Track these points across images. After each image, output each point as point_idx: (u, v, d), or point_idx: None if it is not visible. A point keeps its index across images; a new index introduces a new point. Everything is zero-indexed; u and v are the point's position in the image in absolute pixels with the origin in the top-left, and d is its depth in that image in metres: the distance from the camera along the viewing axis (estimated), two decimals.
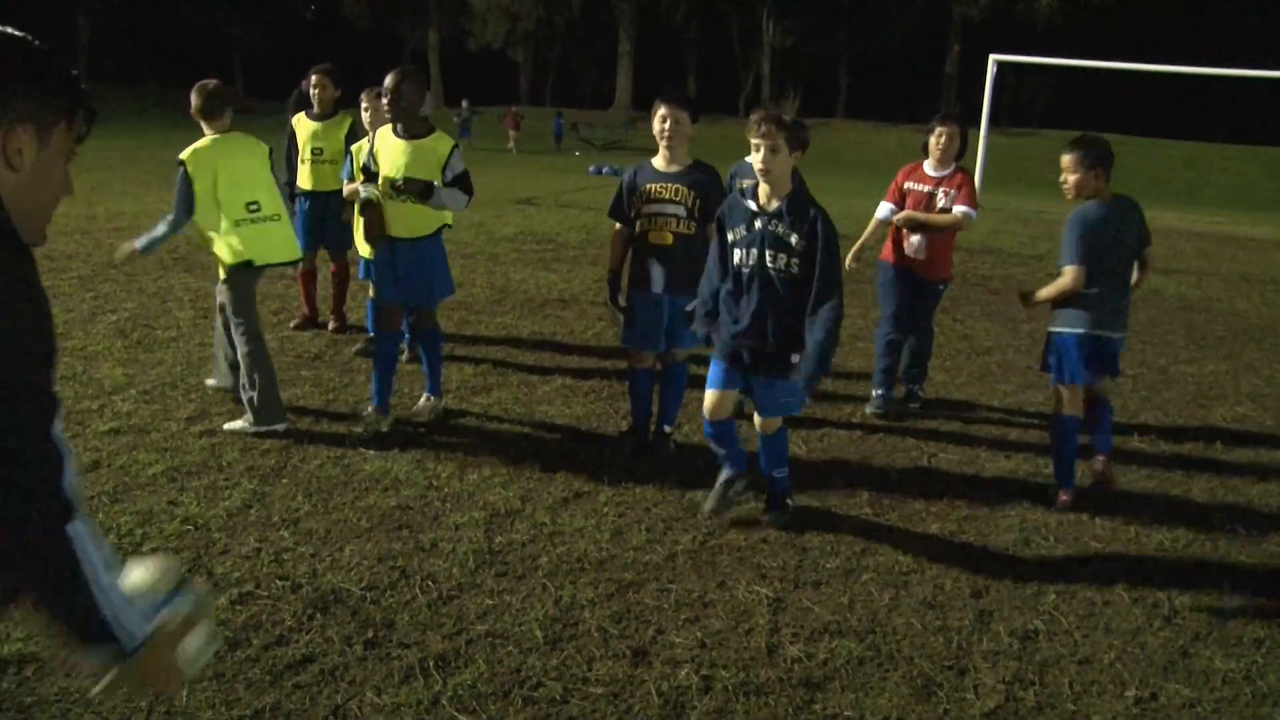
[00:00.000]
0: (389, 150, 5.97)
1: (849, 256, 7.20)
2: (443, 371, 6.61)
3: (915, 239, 6.82)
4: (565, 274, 11.53)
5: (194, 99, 6.03)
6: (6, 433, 1.71)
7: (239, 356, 5.98)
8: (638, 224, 5.77)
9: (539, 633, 3.95)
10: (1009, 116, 54.00)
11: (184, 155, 5.85)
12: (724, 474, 5.16)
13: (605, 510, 5.18)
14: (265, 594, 4.12)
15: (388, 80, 5.90)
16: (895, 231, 6.97)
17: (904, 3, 51.34)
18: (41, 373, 1.78)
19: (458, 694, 3.52)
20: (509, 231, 14.43)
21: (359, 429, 6.06)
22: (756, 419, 5.13)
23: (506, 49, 56.09)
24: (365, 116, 7.72)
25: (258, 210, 5.98)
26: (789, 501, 5.26)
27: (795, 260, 4.73)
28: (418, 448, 5.86)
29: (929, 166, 6.85)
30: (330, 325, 8.40)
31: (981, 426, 6.94)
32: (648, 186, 5.71)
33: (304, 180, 8.14)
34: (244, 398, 5.93)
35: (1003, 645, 4.10)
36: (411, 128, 5.97)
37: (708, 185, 5.67)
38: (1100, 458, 5.69)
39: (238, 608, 4.00)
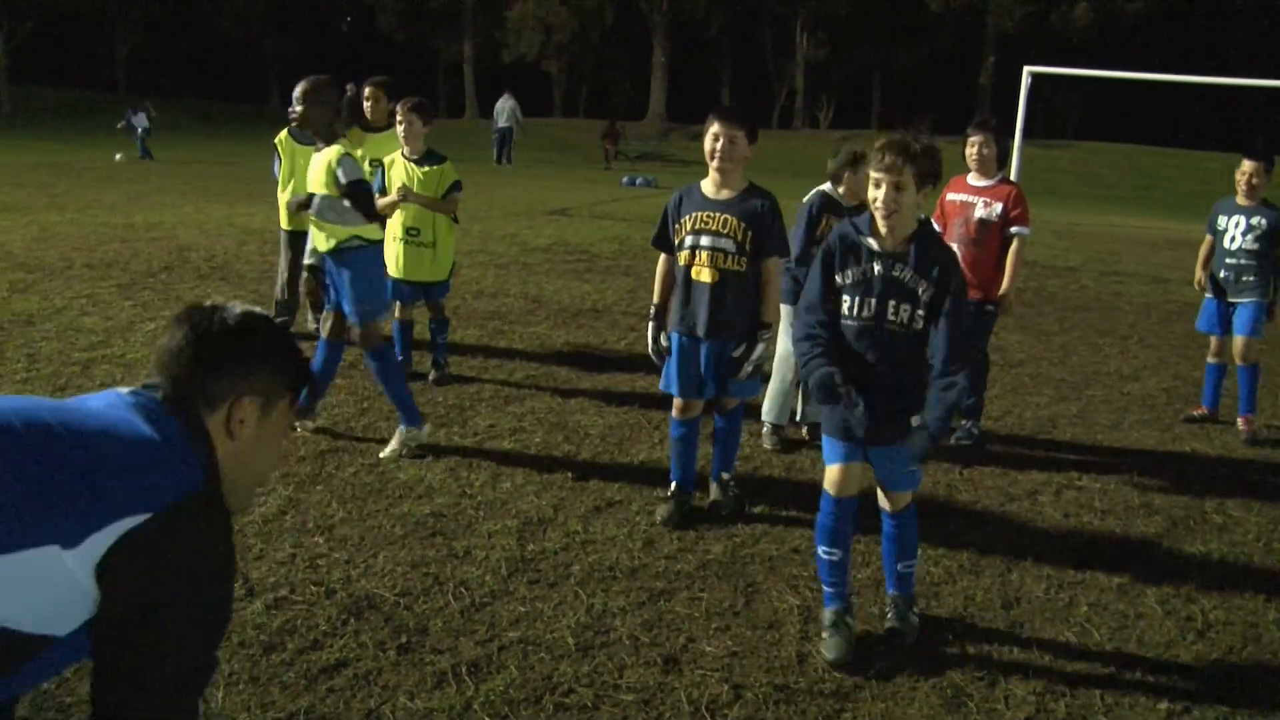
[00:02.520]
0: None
1: None
2: (408, 398, 6.02)
3: (953, 249, 6.71)
4: (598, 284, 11.58)
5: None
6: (162, 689, 1.82)
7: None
8: (680, 255, 5.08)
9: (570, 640, 3.98)
10: (1043, 128, 53.71)
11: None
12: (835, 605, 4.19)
13: (637, 519, 5.20)
14: (300, 599, 4.17)
15: (295, 90, 5.85)
16: None
17: (938, 15, 51.14)
18: (220, 634, 1.92)
19: (490, 700, 3.55)
20: (543, 242, 14.49)
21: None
22: (882, 500, 4.22)
23: (541, 61, 56.33)
24: (367, 106, 8.12)
25: None
26: (915, 614, 4.29)
27: (920, 313, 3.97)
28: (451, 456, 5.90)
29: (971, 177, 6.77)
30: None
31: (1014, 439, 6.91)
32: (693, 214, 5.02)
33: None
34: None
35: (1034, 657, 4.09)
36: (317, 137, 5.98)
37: (763, 216, 4.94)
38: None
39: (273, 612, 4.05)
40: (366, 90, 8.19)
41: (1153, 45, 50.85)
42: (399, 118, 7.10)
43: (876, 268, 3.98)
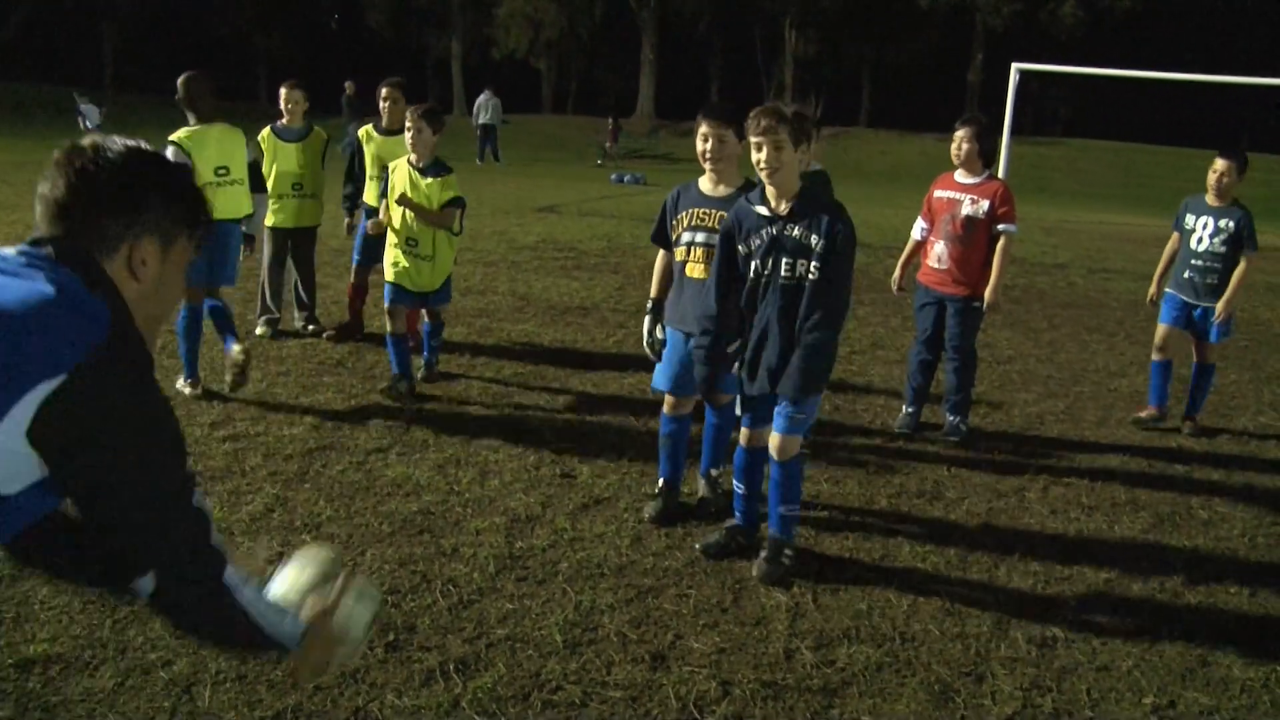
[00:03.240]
0: None
1: (893, 282, 7.19)
2: (229, 340, 6.59)
3: (939, 246, 6.73)
4: (587, 282, 11.58)
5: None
6: (155, 515, 1.87)
7: None
8: (677, 252, 5.14)
9: (559, 637, 3.98)
10: (1032, 126, 53.80)
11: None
12: (734, 522, 4.99)
13: (625, 516, 5.21)
14: None
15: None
16: (924, 248, 6.88)
17: (926, 12, 51.16)
18: (181, 456, 1.92)
19: (477, 697, 3.55)
20: (531, 239, 14.48)
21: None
22: (771, 447, 4.69)
23: (530, 58, 56.22)
24: (384, 107, 8.02)
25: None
26: (788, 554, 4.74)
27: (815, 264, 4.41)
28: (439, 454, 5.90)
29: (959, 174, 6.77)
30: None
31: (1002, 435, 6.93)
32: (689, 211, 5.07)
33: (370, 196, 8.04)
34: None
35: (1021, 652, 4.10)
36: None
37: None
38: None
39: None
40: (384, 91, 8.02)
41: (1141, 42, 50.96)
42: (408, 123, 6.78)
43: (770, 231, 4.48)
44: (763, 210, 4.51)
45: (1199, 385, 7.39)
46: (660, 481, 5.39)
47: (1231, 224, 7.11)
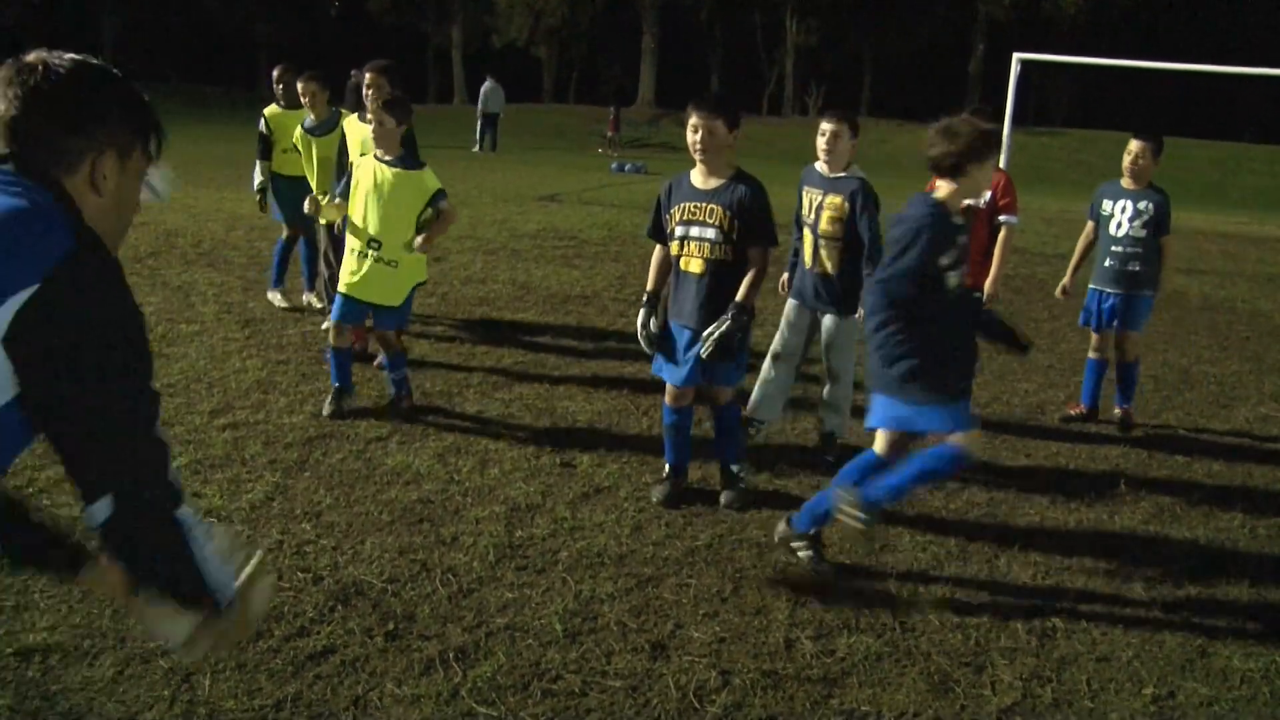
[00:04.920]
0: None
1: None
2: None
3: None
4: (587, 270, 11.56)
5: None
6: (122, 431, 1.87)
7: None
8: (671, 245, 5.13)
9: (558, 626, 3.98)
10: (1034, 116, 53.71)
11: None
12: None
13: (625, 505, 5.20)
14: (287, 586, 4.16)
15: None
16: None
17: (928, 1, 51.05)
18: (149, 373, 1.92)
19: (477, 686, 3.55)
20: (532, 228, 14.46)
21: None
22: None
23: (531, 46, 56.09)
24: (368, 95, 7.09)
25: None
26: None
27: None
28: (439, 442, 5.90)
29: None
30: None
31: (1002, 425, 6.92)
32: (681, 205, 5.06)
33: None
34: None
35: (1020, 642, 4.10)
36: None
37: (748, 203, 4.96)
38: None
39: None
40: (367, 77, 7.14)
41: (1142, 33, 50.85)
42: (370, 114, 6.39)
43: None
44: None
45: (1129, 381, 7.07)
46: (667, 468, 5.43)
47: (1151, 207, 6.82)
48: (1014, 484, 5.86)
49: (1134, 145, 6.93)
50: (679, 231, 5.06)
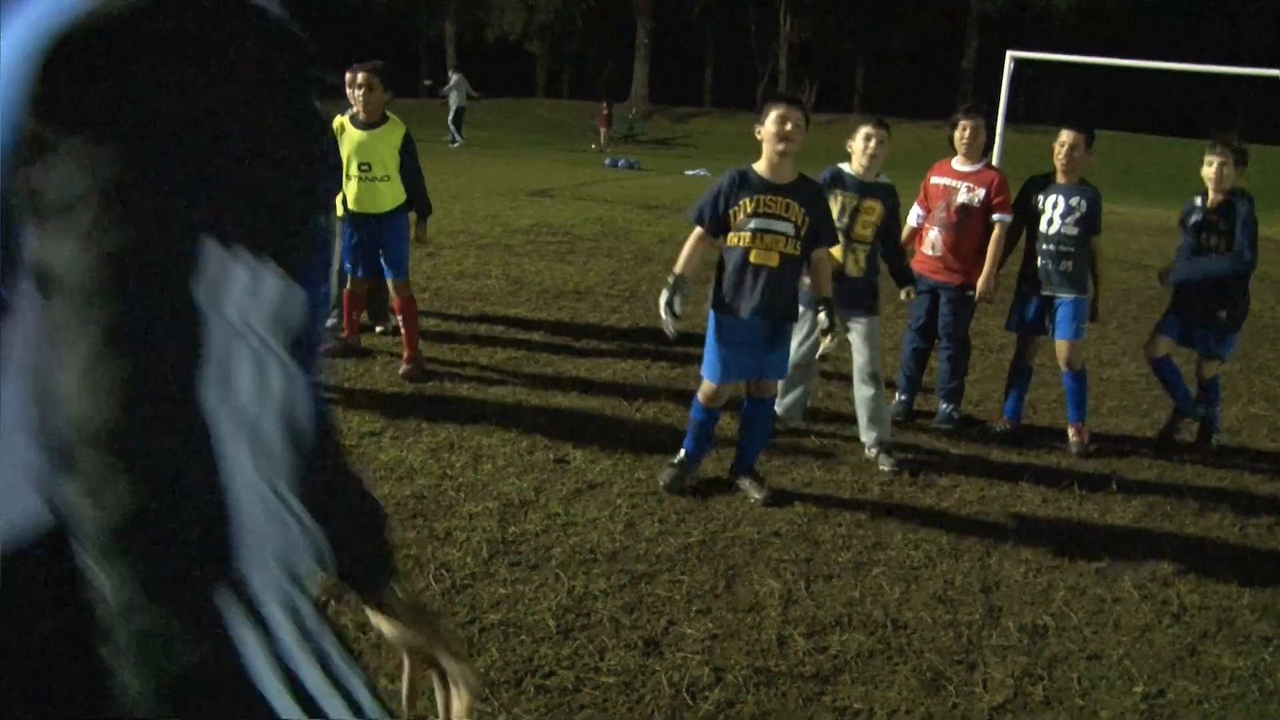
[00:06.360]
0: None
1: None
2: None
3: (933, 233, 6.71)
4: (581, 266, 11.56)
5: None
6: None
7: None
8: (736, 238, 5.09)
9: (551, 622, 3.98)
10: (1026, 114, 53.78)
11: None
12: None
13: (619, 502, 5.21)
14: None
15: None
16: (919, 235, 6.86)
17: None
18: None
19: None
20: (525, 223, 14.45)
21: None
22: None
23: (524, 40, 56.06)
24: (358, 95, 6.76)
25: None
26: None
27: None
28: (432, 438, 5.90)
29: (956, 161, 6.73)
30: (403, 369, 7.01)
31: (994, 423, 6.93)
32: (755, 198, 5.06)
33: (351, 199, 6.83)
34: None
35: (1012, 640, 4.12)
36: None
37: (818, 202, 5.21)
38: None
39: None
40: (359, 77, 6.70)
41: (1135, 32, 50.92)
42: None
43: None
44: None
45: (1075, 393, 6.58)
46: (682, 453, 5.45)
47: (1084, 203, 6.44)
48: (1005, 482, 5.88)
49: (1066, 135, 6.49)
50: (753, 225, 5.07)
